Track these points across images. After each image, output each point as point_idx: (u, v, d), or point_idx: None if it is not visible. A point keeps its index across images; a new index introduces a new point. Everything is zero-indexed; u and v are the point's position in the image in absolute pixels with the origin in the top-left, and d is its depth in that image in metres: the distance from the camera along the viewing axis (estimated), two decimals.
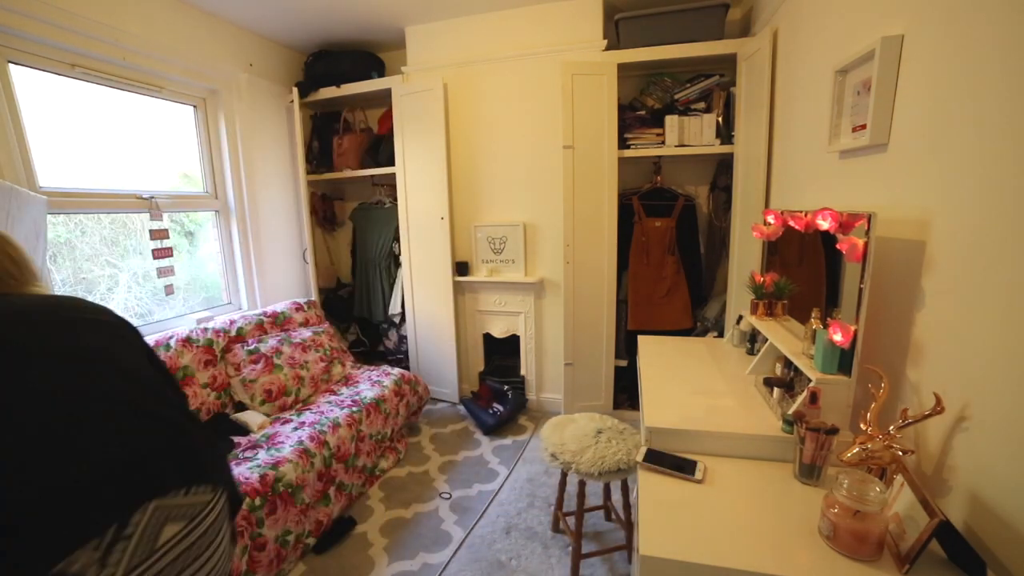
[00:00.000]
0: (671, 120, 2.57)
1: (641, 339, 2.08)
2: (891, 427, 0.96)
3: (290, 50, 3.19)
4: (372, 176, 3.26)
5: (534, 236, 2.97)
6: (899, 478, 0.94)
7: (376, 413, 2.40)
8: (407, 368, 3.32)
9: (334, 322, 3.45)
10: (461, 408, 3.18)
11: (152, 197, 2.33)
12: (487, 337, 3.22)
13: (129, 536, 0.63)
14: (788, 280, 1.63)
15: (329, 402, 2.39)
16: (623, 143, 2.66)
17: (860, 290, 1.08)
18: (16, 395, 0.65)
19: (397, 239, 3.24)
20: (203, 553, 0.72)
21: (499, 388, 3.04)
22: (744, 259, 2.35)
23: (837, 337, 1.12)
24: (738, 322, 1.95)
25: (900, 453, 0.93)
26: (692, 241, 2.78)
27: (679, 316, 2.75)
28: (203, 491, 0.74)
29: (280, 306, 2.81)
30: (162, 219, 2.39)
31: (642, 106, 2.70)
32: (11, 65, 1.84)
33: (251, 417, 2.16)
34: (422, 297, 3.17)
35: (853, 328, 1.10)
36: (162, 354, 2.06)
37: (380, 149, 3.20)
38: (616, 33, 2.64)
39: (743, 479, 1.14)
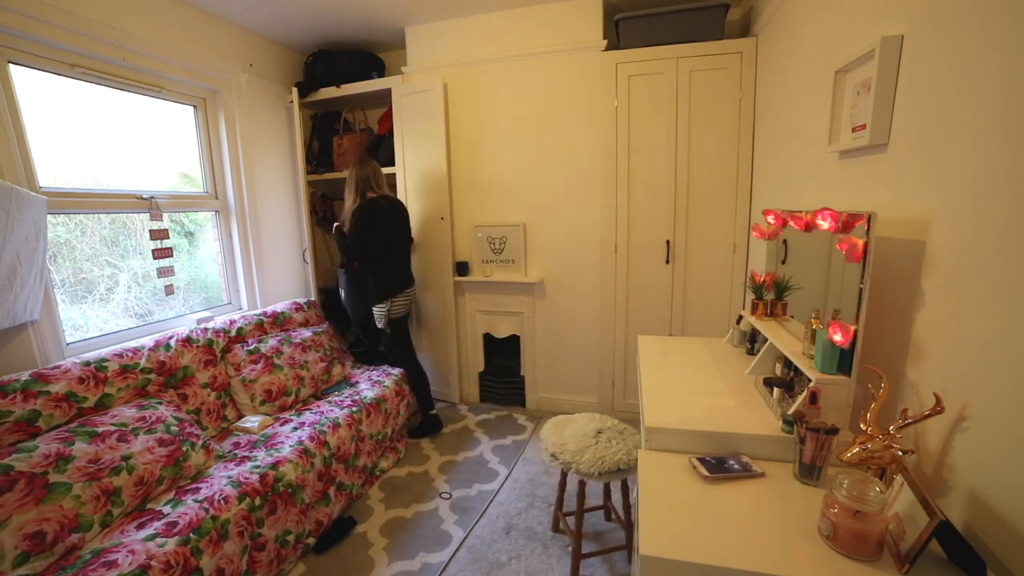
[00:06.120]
0: None
1: (641, 339, 2.08)
2: (891, 427, 0.96)
3: (290, 50, 3.19)
4: None
5: (534, 236, 2.97)
6: (899, 478, 0.94)
7: (376, 413, 2.40)
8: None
9: (334, 322, 3.45)
10: (461, 408, 3.18)
11: (152, 197, 2.33)
12: (487, 337, 3.22)
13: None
14: (788, 280, 1.64)
15: (329, 402, 2.39)
16: None
17: (860, 290, 1.08)
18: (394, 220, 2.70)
19: None
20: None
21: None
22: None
23: (837, 337, 1.12)
24: (738, 322, 1.95)
25: (900, 453, 0.93)
26: None
27: None
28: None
29: (280, 306, 2.81)
30: (162, 219, 2.39)
31: None
32: (11, 65, 1.84)
33: None
34: (422, 297, 3.17)
35: (853, 328, 1.10)
36: (162, 354, 2.07)
37: (380, 149, 3.20)
38: (616, 33, 2.64)
39: (743, 479, 1.14)
